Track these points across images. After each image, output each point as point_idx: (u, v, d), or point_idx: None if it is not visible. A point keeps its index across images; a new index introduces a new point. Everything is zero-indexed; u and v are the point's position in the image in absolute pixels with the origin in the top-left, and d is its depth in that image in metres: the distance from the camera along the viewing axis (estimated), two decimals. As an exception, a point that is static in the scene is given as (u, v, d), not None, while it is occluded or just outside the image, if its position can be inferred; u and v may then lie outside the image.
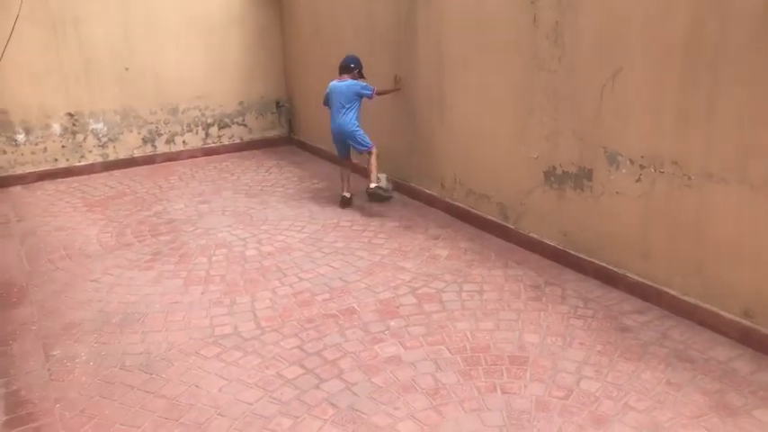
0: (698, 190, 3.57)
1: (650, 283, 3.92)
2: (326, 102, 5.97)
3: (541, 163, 4.61)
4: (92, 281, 4.64)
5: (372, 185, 5.77)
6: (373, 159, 5.77)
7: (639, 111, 3.82)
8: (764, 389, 3.11)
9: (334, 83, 5.85)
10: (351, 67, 5.89)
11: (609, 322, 3.77)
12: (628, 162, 3.95)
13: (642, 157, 3.85)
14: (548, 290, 4.21)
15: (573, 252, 4.45)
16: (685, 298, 3.73)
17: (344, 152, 6.03)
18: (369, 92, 5.78)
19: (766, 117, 3.18)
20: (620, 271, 4.11)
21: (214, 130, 8.05)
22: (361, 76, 5.95)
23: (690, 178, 3.60)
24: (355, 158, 6.18)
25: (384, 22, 6.08)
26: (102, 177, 7.21)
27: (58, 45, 6.94)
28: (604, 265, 4.22)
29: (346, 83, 5.79)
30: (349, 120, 5.78)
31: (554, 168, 4.51)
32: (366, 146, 5.79)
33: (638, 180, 3.90)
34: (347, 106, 5.77)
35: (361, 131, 5.80)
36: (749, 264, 3.39)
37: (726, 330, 3.52)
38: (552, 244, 4.62)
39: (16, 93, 6.82)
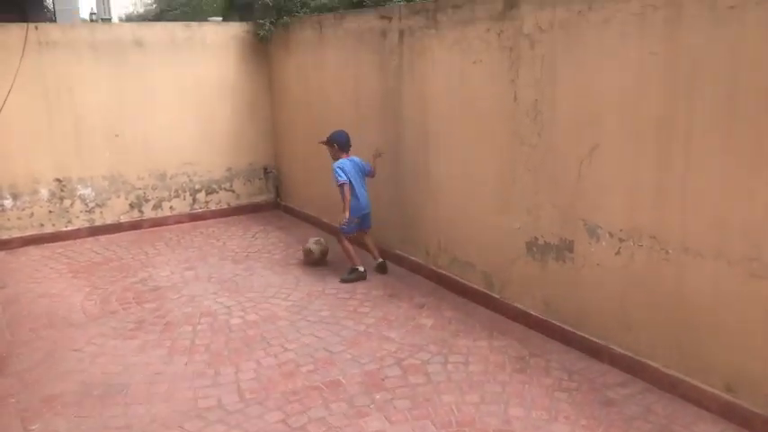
0: (676, 264, 3.66)
1: (633, 356, 3.96)
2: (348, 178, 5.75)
3: (524, 233, 4.71)
4: (74, 350, 4.60)
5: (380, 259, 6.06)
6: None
7: (617, 185, 3.96)
8: (748, 465, 3.12)
9: (354, 159, 5.88)
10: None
11: (593, 395, 3.78)
12: (607, 235, 4.05)
13: (621, 230, 3.96)
14: (532, 361, 4.23)
15: (557, 323, 4.50)
16: (668, 371, 3.77)
17: (367, 225, 6.04)
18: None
19: (739, 194, 3.31)
20: (604, 343, 4.15)
21: (201, 196, 8.12)
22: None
23: (668, 252, 3.70)
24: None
25: (371, 94, 6.27)
26: (88, 243, 7.21)
27: (50, 112, 7.06)
28: (587, 336, 4.26)
29: (358, 160, 5.91)
30: None
31: (536, 239, 4.61)
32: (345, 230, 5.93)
33: (618, 253, 3.99)
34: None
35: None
36: (729, 338, 3.46)
37: (708, 405, 3.55)
38: (536, 314, 4.66)
39: (6, 158, 6.89)
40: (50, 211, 7.24)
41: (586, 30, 4.02)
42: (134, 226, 7.68)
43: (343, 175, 5.69)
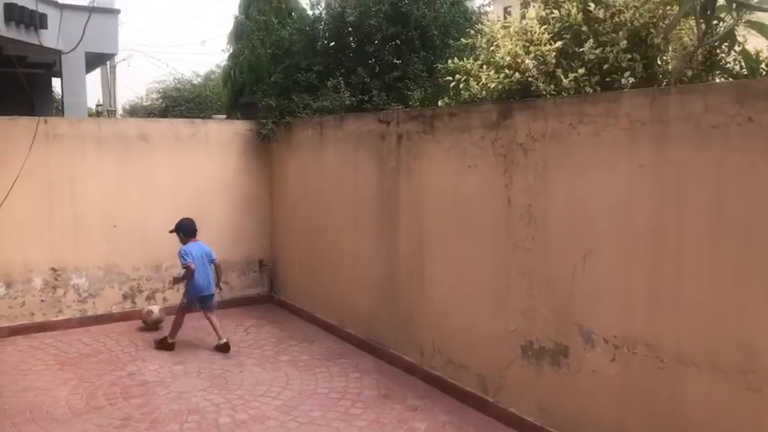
0: (671, 373, 3.66)
1: (630, 467, 3.88)
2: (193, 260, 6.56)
3: (519, 336, 4.71)
4: (56, 449, 4.46)
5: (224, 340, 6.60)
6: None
7: (610, 292, 4.02)
8: None
9: (201, 245, 6.75)
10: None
11: None
12: (602, 341, 4.07)
13: (615, 336, 3.98)
14: (528, 470, 4.12)
15: (552, 429, 4.42)
16: (666, 484, 3.68)
17: (207, 306, 6.76)
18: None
19: (730, 306, 3.37)
20: (600, 452, 4.07)
21: (195, 288, 8.09)
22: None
23: (662, 361, 3.70)
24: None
25: (368, 194, 6.43)
26: (78, 333, 7.12)
27: (51, 202, 7.17)
28: (584, 445, 4.18)
29: (206, 247, 6.77)
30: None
31: (531, 343, 4.61)
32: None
33: (613, 360, 3.99)
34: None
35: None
36: (726, 450, 3.41)
37: None
38: (531, 420, 4.59)
39: (3, 248, 6.92)
40: (42, 300, 7.20)
41: (577, 141, 4.21)
42: (126, 317, 7.61)
43: (188, 258, 6.50)
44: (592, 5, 4.62)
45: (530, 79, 4.67)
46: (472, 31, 7.24)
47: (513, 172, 4.72)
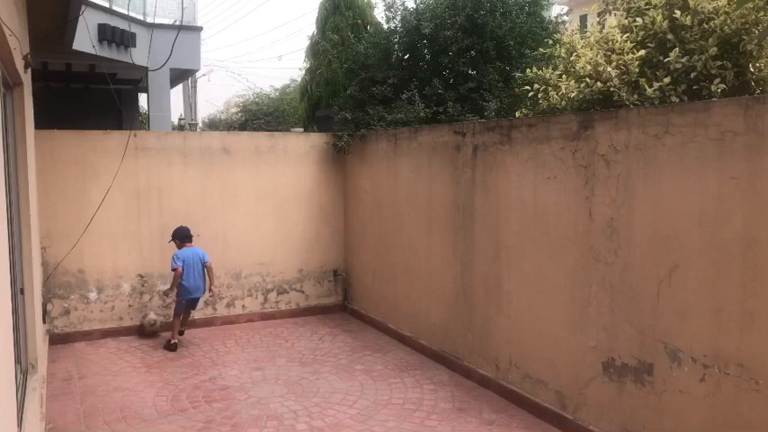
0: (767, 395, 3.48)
1: (722, 493, 3.70)
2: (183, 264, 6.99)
3: (600, 353, 4.59)
4: (144, 448, 4.66)
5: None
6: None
7: (699, 308, 3.86)
8: None
9: (196, 250, 7.15)
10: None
11: None
12: (690, 360, 3.91)
13: (705, 355, 3.82)
14: (610, 491, 4.00)
15: (635, 450, 4.27)
16: None
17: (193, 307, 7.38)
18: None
19: (832, 326, 3.17)
20: (688, 476, 3.91)
21: (273, 296, 8.31)
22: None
23: (758, 383, 3.52)
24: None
25: (443, 205, 6.43)
26: (162, 338, 7.43)
27: (139, 212, 7.54)
28: (670, 467, 4.02)
29: (200, 252, 7.15)
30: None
31: (613, 360, 4.48)
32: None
33: (702, 380, 3.83)
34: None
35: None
36: (830, 480, 3.20)
37: None
38: (613, 439, 4.45)
39: (95, 254, 7.32)
40: (130, 305, 7.56)
41: (663, 152, 4.08)
42: (207, 323, 7.89)
43: (178, 262, 6.93)
44: (678, 13, 4.49)
45: (611, 89, 4.58)
46: (550, 41, 7.16)
47: (595, 184, 4.62)
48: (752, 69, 4.42)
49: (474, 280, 5.99)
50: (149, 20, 13.51)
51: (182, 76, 18.29)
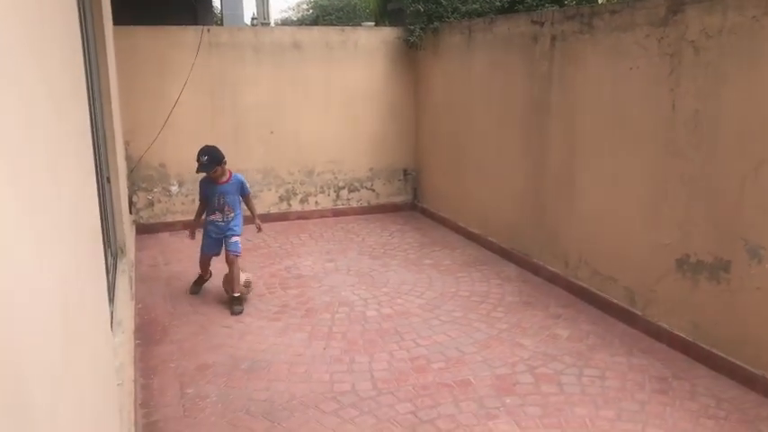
0: None
1: (793, 390, 3.65)
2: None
3: (673, 250, 4.47)
4: (225, 327, 4.99)
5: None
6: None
7: (786, 204, 3.66)
8: None
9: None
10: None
11: (744, 426, 3.53)
12: (771, 257, 3.76)
13: (788, 253, 3.66)
14: (675, 384, 4.01)
15: (705, 346, 4.23)
16: (834, 410, 3.43)
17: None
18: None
19: None
20: (759, 372, 3.85)
21: (344, 193, 8.46)
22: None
23: (843, 280, 3.37)
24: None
25: (517, 100, 6.23)
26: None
27: (213, 108, 7.69)
28: (741, 364, 3.97)
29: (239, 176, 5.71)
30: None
31: (687, 257, 4.36)
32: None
33: (783, 277, 3.69)
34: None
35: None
36: None
37: None
38: (683, 335, 4.41)
39: (175, 149, 7.59)
40: (209, 199, 7.87)
41: (761, 36, 3.76)
42: (282, 217, 8.16)
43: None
44: None
45: (707, -33, 4.18)
46: None
47: (681, 73, 4.33)
48: None
49: (546, 177, 5.87)
50: None
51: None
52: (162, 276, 6.14)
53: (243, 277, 5.47)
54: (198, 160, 5.31)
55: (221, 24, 15.16)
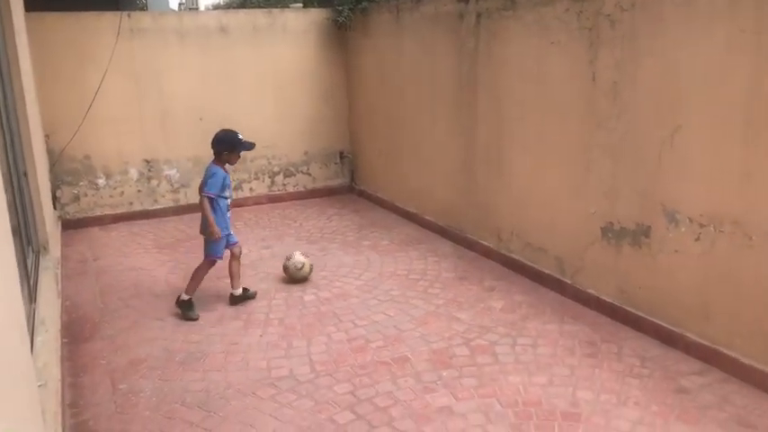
0: (760, 251, 3.51)
1: (710, 345, 3.83)
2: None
3: (599, 218, 4.61)
4: (158, 319, 4.87)
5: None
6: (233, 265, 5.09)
7: (699, 169, 3.82)
8: (832, 461, 2.97)
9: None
10: (216, 149, 5.01)
11: (666, 383, 3.69)
12: (687, 220, 3.92)
13: (701, 215, 3.82)
14: (603, 347, 4.15)
15: (631, 309, 4.39)
16: (747, 361, 3.62)
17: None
18: (206, 190, 4.83)
19: (830, 178, 3.13)
20: (679, 330, 4.03)
21: (279, 179, 8.36)
22: (229, 158, 5.04)
23: (751, 238, 3.54)
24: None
25: (446, 79, 6.27)
26: (173, 221, 7.57)
27: (140, 96, 7.45)
28: (663, 324, 4.14)
29: (207, 167, 5.00)
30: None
31: (611, 224, 4.50)
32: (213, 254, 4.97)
33: (698, 239, 3.85)
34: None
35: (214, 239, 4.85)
36: (815, 328, 3.29)
37: (791, 397, 3.40)
38: (609, 300, 4.57)
39: (100, 140, 7.33)
40: (139, 191, 7.65)
41: (671, 8, 3.88)
42: (215, 206, 7.99)
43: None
44: None
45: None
46: None
47: (599, 47, 4.44)
48: None
49: (477, 154, 5.95)
50: None
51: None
52: (91, 272, 5.94)
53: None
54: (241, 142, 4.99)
55: (146, 9, 14.65)
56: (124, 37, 7.24)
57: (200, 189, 4.95)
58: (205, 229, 4.87)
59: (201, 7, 24.44)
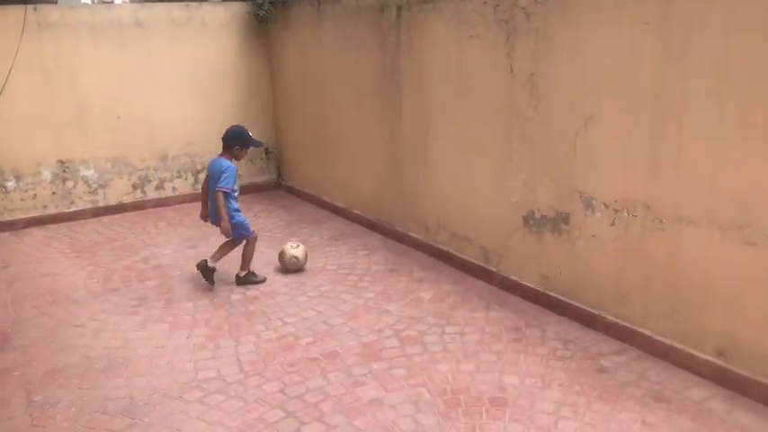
0: (669, 233, 3.68)
1: (627, 325, 4.00)
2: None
3: (521, 207, 4.73)
4: (77, 326, 4.66)
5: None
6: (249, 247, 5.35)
7: (611, 156, 3.97)
8: (738, 428, 3.16)
9: (211, 160, 5.34)
10: (228, 143, 5.23)
11: (587, 363, 3.83)
12: (602, 206, 4.07)
13: (615, 201, 3.98)
14: (528, 332, 4.27)
15: (553, 294, 4.53)
16: (661, 339, 3.80)
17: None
18: (221, 184, 5.07)
19: (730, 163, 3.32)
20: (598, 312, 4.19)
21: (203, 176, 8.13)
22: (239, 153, 5.28)
23: (662, 222, 3.72)
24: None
25: (370, 72, 6.27)
26: (91, 223, 7.27)
27: (52, 93, 7.09)
28: (583, 306, 4.30)
29: (218, 161, 5.20)
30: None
31: (533, 212, 4.63)
32: (244, 233, 5.31)
33: (613, 224, 4.01)
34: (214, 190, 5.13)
35: (239, 223, 5.23)
36: (720, 304, 3.49)
37: (700, 370, 3.59)
38: (533, 286, 4.70)
39: (8, 140, 6.94)
40: (54, 193, 7.29)
41: (580, 1, 4.01)
42: (137, 206, 7.73)
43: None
44: None
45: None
46: None
47: (516, 39, 4.54)
48: None
49: (403, 146, 5.98)
50: None
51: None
52: (1, 280, 5.62)
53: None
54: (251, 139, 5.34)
55: (56, 2, 13.95)
56: (31, 32, 6.86)
57: (206, 183, 5.43)
58: (217, 220, 5.20)
59: (117, 0, 23.52)
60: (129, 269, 5.79)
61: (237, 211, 5.30)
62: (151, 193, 7.85)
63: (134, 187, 7.74)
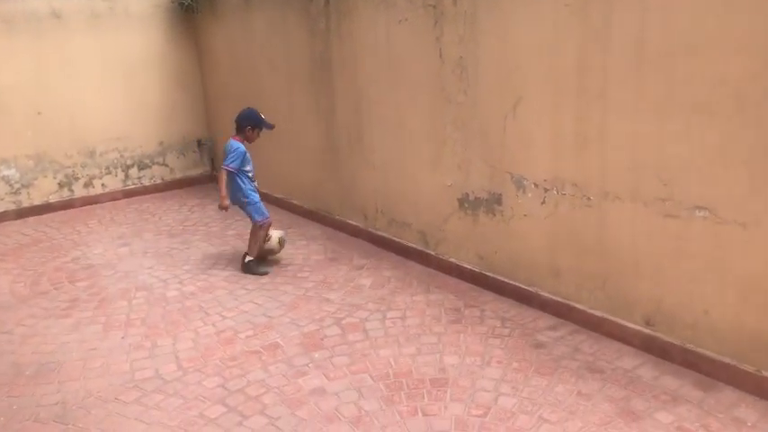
0: (597, 209, 3.80)
1: (561, 300, 4.12)
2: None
3: (456, 190, 4.79)
4: (3, 333, 4.46)
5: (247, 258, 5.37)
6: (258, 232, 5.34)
7: (540, 137, 4.06)
8: (666, 393, 3.31)
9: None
10: (240, 124, 5.27)
11: (524, 340, 3.93)
12: (533, 186, 4.16)
13: (545, 180, 4.07)
14: (467, 312, 4.34)
15: (490, 274, 4.62)
16: (593, 312, 3.93)
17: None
18: (227, 163, 5.20)
19: (650, 139, 3.44)
20: (534, 289, 4.30)
21: (134, 172, 7.92)
22: (251, 135, 5.29)
23: (589, 198, 3.83)
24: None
25: (301, 60, 6.20)
26: (15, 225, 6.95)
27: (-37, 91, 6.73)
28: (519, 285, 4.40)
29: (229, 143, 5.28)
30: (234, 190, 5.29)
31: (467, 195, 4.69)
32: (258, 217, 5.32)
33: (543, 202, 4.11)
34: None
35: (253, 203, 5.32)
36: (647, 275, 3.63)
37: (630, 340, 3.74)
38: (470, 267, 4.77)
39: None
40: (-27, 195, 6.95)
41: (505, -16, 4.07)
42: (65, 206, 7.44)
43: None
44: None
45: None
46: None
47: (444, 23, 4.57)
48: None
49: (338, 134, 5.96)
50: None
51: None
52: None
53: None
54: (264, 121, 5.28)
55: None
56: (-63, 25, 6.48)
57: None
58: (237, 198, 5.31)
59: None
60: (59, 270, 5.58)
61: (254, 191, 5.36)
62: (80, 191, 7.56)
63: (60, 186, 7.44)
